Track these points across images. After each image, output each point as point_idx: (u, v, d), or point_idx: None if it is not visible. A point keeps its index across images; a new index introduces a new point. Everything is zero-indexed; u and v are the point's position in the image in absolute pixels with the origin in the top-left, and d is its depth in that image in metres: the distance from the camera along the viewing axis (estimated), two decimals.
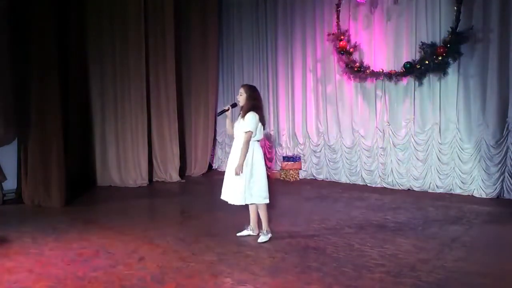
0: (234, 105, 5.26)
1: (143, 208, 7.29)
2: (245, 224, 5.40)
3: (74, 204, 7.20)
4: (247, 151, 4.91)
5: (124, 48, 8.61)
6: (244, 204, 5.03)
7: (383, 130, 8.19)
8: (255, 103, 5.02)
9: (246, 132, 4.92)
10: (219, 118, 10.09)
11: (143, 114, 8.83)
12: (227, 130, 5.39)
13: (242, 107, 5.07)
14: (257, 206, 5.16)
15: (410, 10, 7.79)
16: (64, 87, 7.67)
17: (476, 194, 7.26)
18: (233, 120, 5.27)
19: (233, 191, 5.01)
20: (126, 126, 8.74)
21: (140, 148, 8.83)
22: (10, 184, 7.42)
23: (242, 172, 4.89)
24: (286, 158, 9.25)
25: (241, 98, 5.04)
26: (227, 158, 10.04)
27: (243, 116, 4.99)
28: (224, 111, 5.25)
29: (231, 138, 5.23)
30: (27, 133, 7.11)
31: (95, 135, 8.70)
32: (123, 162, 8.75)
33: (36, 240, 5.27)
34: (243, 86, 5.17)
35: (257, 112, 4.98)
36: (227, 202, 5.12)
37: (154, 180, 9.25)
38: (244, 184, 4.92)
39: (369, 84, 8.32)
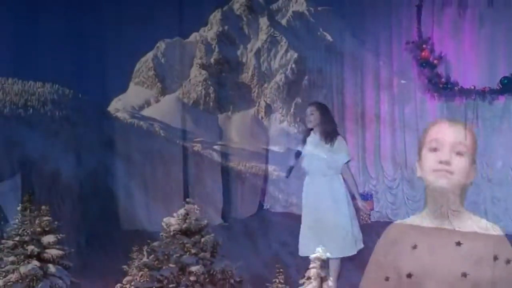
0: (298, 155, 4.67)
1: None
2: None
3: None
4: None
5: None
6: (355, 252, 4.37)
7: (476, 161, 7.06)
8: (334, 123, 4.71)
9: (347, 163, 4.55)
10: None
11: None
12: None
13: (311, 129, 4.63)
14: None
15: (508, 14, 7.20)
16: None
17: None
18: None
19: (334, 239, 4.28)
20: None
21: None
22: None
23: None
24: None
25: (313, 117, 4.58)
26: (281, 195, 9.32)
27: (327, 141, 4.50)
28: (291, 168, 4.73)
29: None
30: None
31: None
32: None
33: None
34: (312, 104, 4.84)
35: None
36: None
37: None
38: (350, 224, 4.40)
39: (458, 104, 7.53)
